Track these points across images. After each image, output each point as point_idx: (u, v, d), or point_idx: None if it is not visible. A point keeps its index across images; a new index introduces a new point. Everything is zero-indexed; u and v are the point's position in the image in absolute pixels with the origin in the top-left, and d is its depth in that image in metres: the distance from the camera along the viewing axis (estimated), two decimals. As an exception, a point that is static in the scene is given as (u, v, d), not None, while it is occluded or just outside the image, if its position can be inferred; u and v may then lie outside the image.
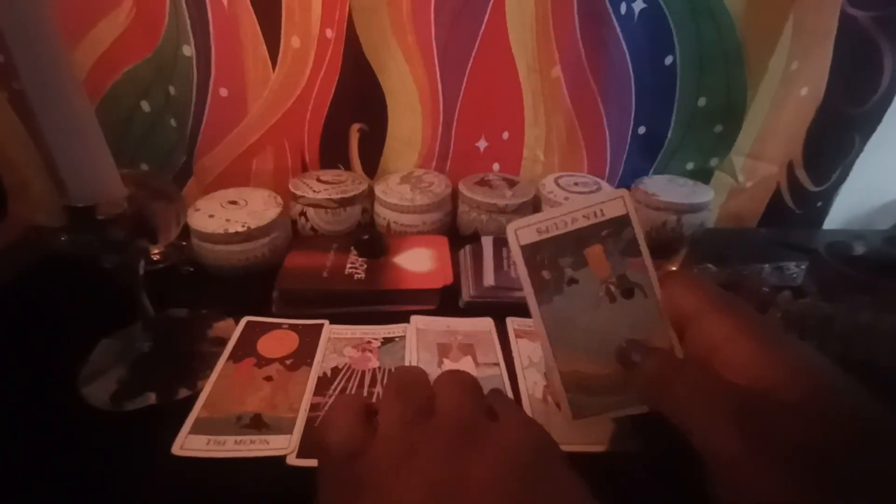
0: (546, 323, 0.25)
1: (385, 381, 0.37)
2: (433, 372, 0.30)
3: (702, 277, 0.25)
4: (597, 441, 0.32)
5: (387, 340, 0.41)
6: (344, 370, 0.38)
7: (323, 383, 0.37)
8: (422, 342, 0.40)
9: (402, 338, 0.41)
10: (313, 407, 0.35)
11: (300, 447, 0.32)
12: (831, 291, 0.44)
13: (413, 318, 0.43)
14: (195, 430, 0.32)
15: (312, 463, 0.30)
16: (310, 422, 0.33)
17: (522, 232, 0.26)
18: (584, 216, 0.25)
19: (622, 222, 0.25)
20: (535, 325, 0.26)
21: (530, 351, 0.40)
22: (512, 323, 0.43)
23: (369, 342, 0.41)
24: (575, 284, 0.25)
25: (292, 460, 0.31)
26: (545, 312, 0.25)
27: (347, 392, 0.36)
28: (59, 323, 0.41)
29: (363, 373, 0.38)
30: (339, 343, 0.41)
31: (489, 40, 0.54)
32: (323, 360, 0.39)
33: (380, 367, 0.38)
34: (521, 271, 0.25)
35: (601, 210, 0.25)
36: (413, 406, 0.24)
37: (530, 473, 0.20)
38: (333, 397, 0.35)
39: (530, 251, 0.25)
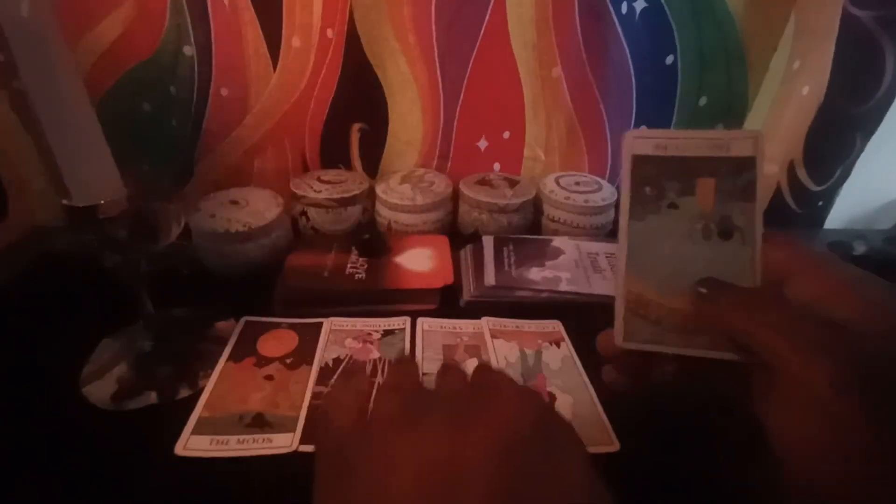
0: (630, 238, 0.24)
1: (385, 371, 0.38)
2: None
3: (804, 240, 0.24)
4: (600, 442, 0.33)
5: (387, 332, 0.42)
6: (345, 361, 0.38)
7: (325, 373, 0.37)
8: (427, 344, 0.41)
9: (402, 330, 0.42)
10: (315, 396, 0.35)
11: (303, 436, 0.32)
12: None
13: (419, 319, 0.43)
14: (198, 430, 0.32)
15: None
16: (312, 410, 0.34)
17: (639, 142, 0.24)
18: (708, 146, 0.24)
19: (746, 164, 0.23)
20: (619, 239, 0.25)
21: (506, 351, 0.40)
22: (487, 323, 0.43)
23: (370, 334, 0.41)
24: (674, 210, 0.24)
25: (298, 447, 0.32)
26: (634, 227, 0.24)
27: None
28: (60, 322, 0.41)
29: (364, 363, 0.38)
30: (340, 335, 0.41)
31: (490, 40, 0.54)
32: (324, 351, 0.39)
33: (380, 358, 0.39)
34: (625, 179, 0.24)
35: (728, 145, 0.23)
36: (407, 393, 0.24)
37: (529, 447, 0.20)
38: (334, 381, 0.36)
39: (640, 163, 0.24)
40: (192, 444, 0.31)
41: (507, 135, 0.60)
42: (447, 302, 0.45)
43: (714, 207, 0.24)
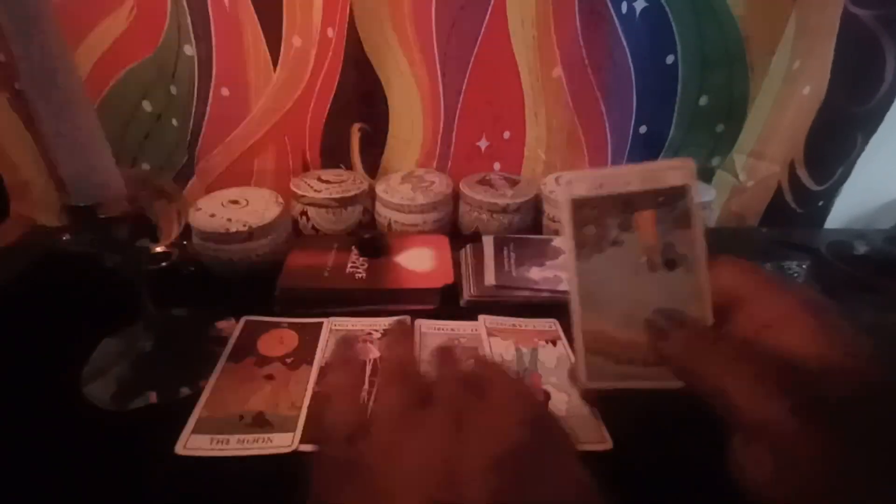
0: (580, 279, 0.25)
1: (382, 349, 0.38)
2: None
3: (752, 263, 0.24)
4: (593, 440, 0.33)
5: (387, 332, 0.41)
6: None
7: (325, 373, 0.37)
8: (425, 345, 0.41)
9: None
10: (315, 395, 0.35)
11: (303, 436, 0.32)
12: (833, 291, 0.44)
13: (417, 321, 0.43)
14: (198, 429, 0.32)
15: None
16: (312, 410, 0.34)
17: (576, 184, 0.25)
18: (641, 180, 0.24)
19: (680, 193, 0.24)
20: (568, 281, 0.25)
21: (502, 349, 0.40)
22: (484, 321, 0.43)
23: (370, 333, 0.41)
24: (617, 246, 0.25)
25: (298, 447, 0.32)
26: (581, 269, 0.25)
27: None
28: (61, 322, 0.41)
29: (364, 363, 0.38)
30: (341, 335, 0.41)
31: (490, 40, 0.54)
32: (325, 351, 0.39)
33: (380, 358, 0.39)
34: (566, 224, 0.25)
35: (663, 177, 0.24)
36: (406, 389, 0.24)
37: (524, 451, 0.20)
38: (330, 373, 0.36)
39: (579, 205, 0.25)
40: (192, 443, 0.31)
41: (507, 135, 0.60)
42: (447, 302, 0.45)
43: (656, 239, 0.24)
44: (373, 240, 0.50)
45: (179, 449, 0.31)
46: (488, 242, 0.50)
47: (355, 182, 0.55)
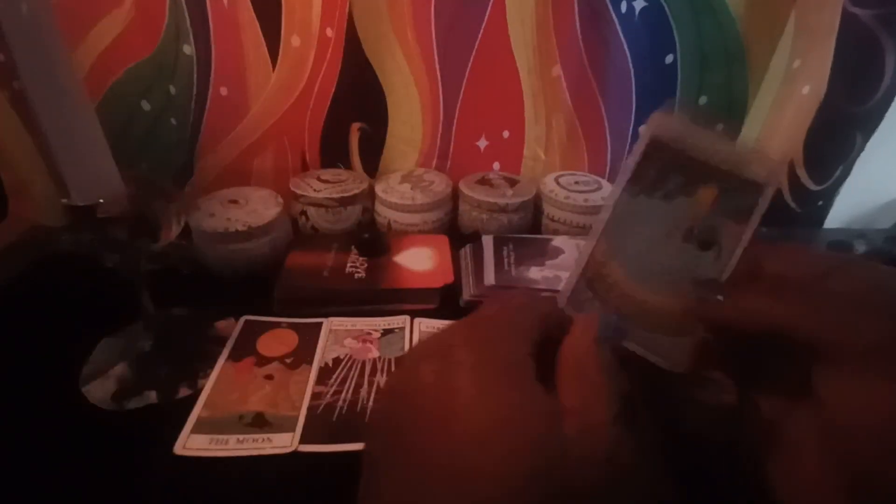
0: (615, 210, 0.24)
1: (388, 368, 0.38)
2: None
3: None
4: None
5: (387, 332, 0.42)
6: (345, 360, 0.38)
7: (324, 373, 0.37)
8: None
9: (402, 329, 0.42)
10: (315, 396, 0.35)
11: (303, 436, 0.32)
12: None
13: (416, 320, 0.43)
14: (197, 429, 0.32)
15: (318, 449, 0.31)
16: (311, 410, 0.34)
17: (663, 127, 0.24)
18: (725, 158, 0.23)
19: (754, 188, 0.23)
20: (605, 205, 0.24)
21: None
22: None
23: (369, 333, 0.41)
24: (667, 201, 0.23)
25: (298, 447, 0.32)
26: (621, 201, 0.24)
27: (349, 382, 0.37)
28: (60, 322, 0.41)
29: (363, 363, 0.38)
30: (340, 334, 0.41)
31: (489, 39, 0.54)
32: (324, 351, 0.39)
33: (380, 357, 0.39)
34: (636, 153, 0.24)
35: (746, 165, 0.23)
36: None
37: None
38: (334, 387, 0.36)
39: (656, 146, 0.24)
40: (191, 443, 0.31)
41: (506, 134, 0.60)
42: (447, 302, 0.45)
43: (705, 216, 0.23)
44: (372, 239, 0.50)
45: (179, 449, 0.31)
46: (488, 242, 0.50)
47: (355, 182, 0.55)
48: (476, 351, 0.19)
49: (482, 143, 0.61)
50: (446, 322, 0.43)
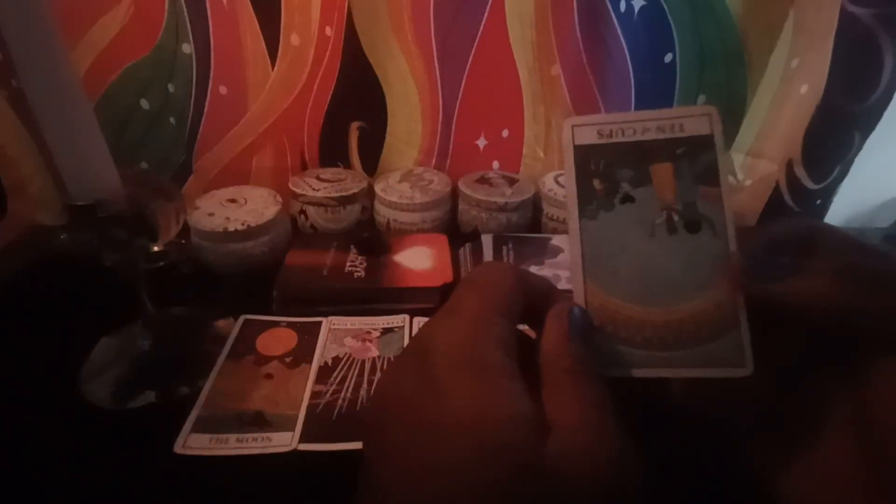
0: (584, 242, 0.21)
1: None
2: None
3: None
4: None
5: (386, 331, 0.42)
6: (344, 359, 0.38)
7: (324, 372, 0.37)
8: None
9: (402, 328, 0.42)
10: (314, 395, 0.35)
11: (302, 435, 0.32)
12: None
13: (415, 319, 0.43)
14: (197, 428, 0.32)
15: (318, 448, 0.31)
16: (311, 409, 0.34)
17: (580, 130, 0.21)
18: (658, 127, 0.21)
19: (703, 143, 0.20)
20: (570, 243, 0.21)
21: None
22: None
23: (369, 332, 0.41)
24: (630, 203, 0.21)
25: (298, 446, 0.31)
26: (586, 229, 0.21)
27: (348, 381, 0.37)
28: (60, 321, 0.41)
29: (363, 362, 0.38)
30: (340, 334, 0.41)
31: (489, 38, 0.54)
32: (324, 350, 0.39)
33: (379, 356, 0.39)
34: (569, 175, 0.21)
35: (680, 124, 0.20)
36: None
37: None
38: (334, 386, 0.36)
39: (584, 153, 0.21)
40: (191, 442, 0.31)
41: (506, 133, 0.60)
42: (446, 301, 0.45)
43: (675, 196, 0.21)
44: (371, 239, 0.50)
45: (178, 448, 0.31)
46: (487, 241, 0.50)
47: (354, 181, 0.55)
48: (444, 346, 0.19)
49: (481, 142, 0.61)
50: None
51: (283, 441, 0.32)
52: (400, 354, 0.21)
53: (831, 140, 0.57)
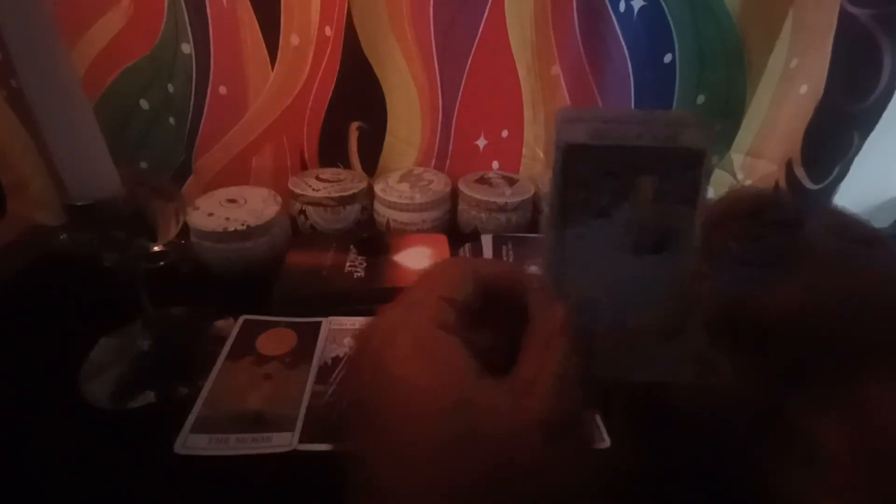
0: (556, 250, 0.21)
1: None
2: None
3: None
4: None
5: None
6: (344, 359, 0.38)
7: (324, 372, 0.37)
8: None
9: None
10: (314, 395, 0.35)
11: (302, 435, 0.32)
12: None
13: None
14: (196, 428, 0.32)
15: (318, 448, 0.31)
16: (311, 409, 0.34)
17: (572, 128, 0.19)
18: (653, 134, 0.19)
19: (694, 159, 0.19)
20: (543, 249, 0.21)
21: None
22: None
23: None
24: (605, 219, 0.20)
25: (297, 446, 0.31)
26: (559, 238, 0.21)
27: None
28: (59, 321, 0.41)
29: None
30: (339, 334, 0.41)
31: (488, 38, 0.54)
32: (323, 350, 0.39)
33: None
34: (556, 177, 0.20)
35: (675, 135, 0.19)
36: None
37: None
38: (334, 386, 0.36)
39: (573, 155, 0.20)
40: (191, 442, 0.31)
41: (505, 133, 0.60)
42: (446, 300, 0.45)
43: (650, 214, 0.20)
44: (371, 239, 0.50)
45: (178, 448, 0.31)
46: (487, 241, 0.50)
47: (353, 181, 0.55)
48: (381, 329, 0.19)
49: (481, 143, 0.61)
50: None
51: (283, 441, 0.32)
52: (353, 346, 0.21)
53: (831, 140, 0.57)
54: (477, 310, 0.20)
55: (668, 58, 0.56)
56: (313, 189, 0.53)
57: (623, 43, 0.54)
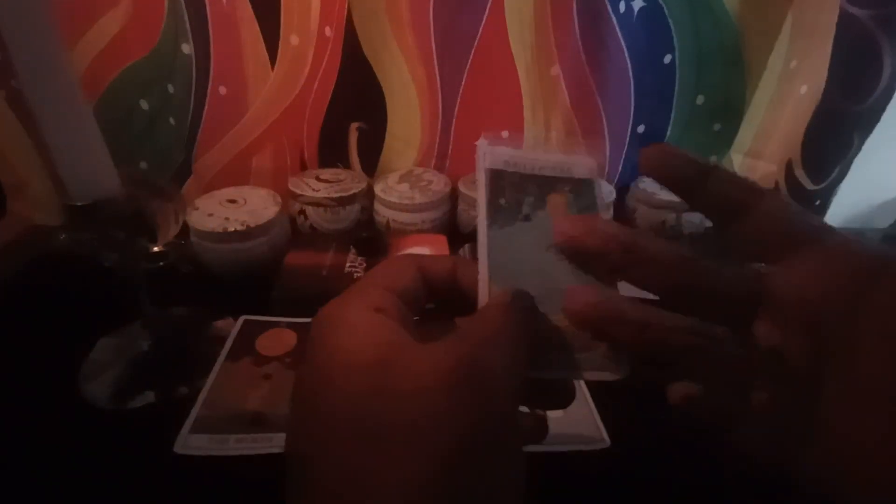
0: (490, 249, 0.24)
1: None
2: None
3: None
4: (590, 439, 0.33)
5: None
6: None
7: None
8: None
9: None
10: None
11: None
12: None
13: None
14: (196, 428, 0.32)
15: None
16: None
17: (492, 156, 0.25)
18: (552, 168, 0.25)
19: (586, 186, 0.25)
20: (479, 250, 0.24)
21: None
22: None
23: None
24: (528, 222, 0.24)
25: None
26: (491, 238, 0.24)
27: None
28: (59, 321, 0.41)
29: None
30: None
31: (488, 38, 0.54)
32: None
33: None
34: (480, 189, 0.24)
35: (570, 168, 0.25)
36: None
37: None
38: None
39: (495, 176, 0.25)
40: (190, 442, 0.31)
41: (505, 133, 0.60)
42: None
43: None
44: (371, 239, 0.50)
45: (178, 448, 0.31)
46: (486, 241, 0.50)
47: (353, 181, 0.55)
48: (331, 309, 0.20)
49: (481, 143, 0.61)
50: (445, 321, 0.43)
51: (282, 441, 0.32)
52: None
53: (830, 141, 0.57)
54: (423, 302, 0.22)
55: (667, 58, 0.56)
56: (313, 189, 0.53)
57: (623, 43, 0.54)
